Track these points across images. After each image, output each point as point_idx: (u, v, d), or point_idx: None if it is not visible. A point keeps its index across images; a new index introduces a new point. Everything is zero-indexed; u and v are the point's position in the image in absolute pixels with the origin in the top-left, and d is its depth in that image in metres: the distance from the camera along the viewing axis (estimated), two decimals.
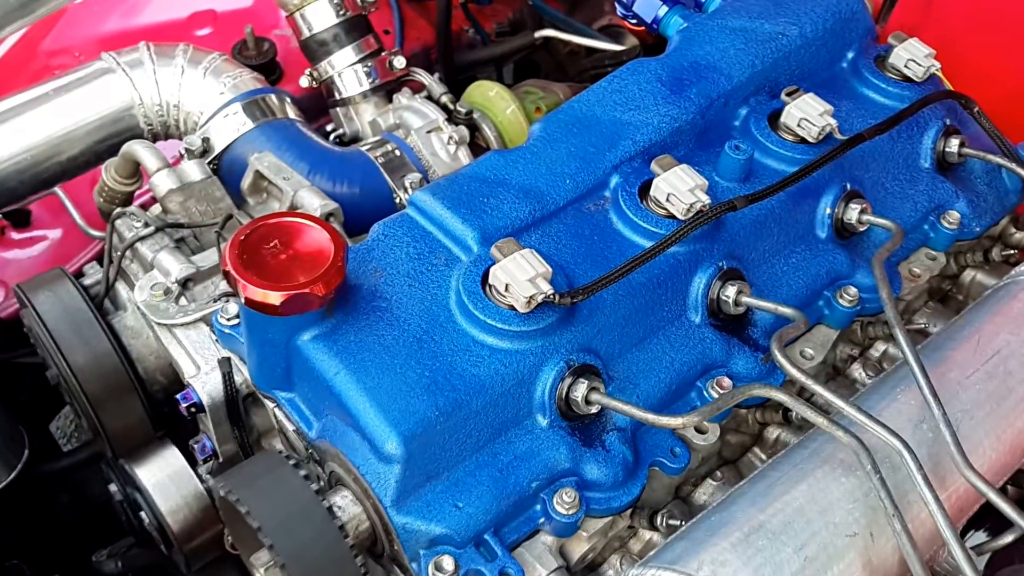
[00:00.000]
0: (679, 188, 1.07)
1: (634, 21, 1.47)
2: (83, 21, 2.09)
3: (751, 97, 1.28)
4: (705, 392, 1.07)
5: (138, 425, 1.26)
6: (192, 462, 1.23)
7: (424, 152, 1.64)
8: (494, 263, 0.99)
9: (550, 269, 0.97)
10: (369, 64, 1.72)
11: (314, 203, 1.35)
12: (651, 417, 0.94)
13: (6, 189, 1.53)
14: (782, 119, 1.23)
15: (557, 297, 0.96)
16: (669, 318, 1.10)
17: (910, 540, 0.88)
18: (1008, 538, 0.97)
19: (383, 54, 1.74)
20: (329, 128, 1.76)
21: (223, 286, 1.22)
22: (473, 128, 1.71)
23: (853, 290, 1.20)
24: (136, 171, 1.51)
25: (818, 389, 0.95)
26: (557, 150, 1.17)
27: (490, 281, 0.99)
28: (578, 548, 1.01)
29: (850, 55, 1.39)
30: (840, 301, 1.19)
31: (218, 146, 1.56)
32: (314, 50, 1.71)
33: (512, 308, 0.98)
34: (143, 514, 1.25)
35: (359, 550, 0.90)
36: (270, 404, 1.07)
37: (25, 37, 2.08)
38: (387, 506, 0.91)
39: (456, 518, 0.92)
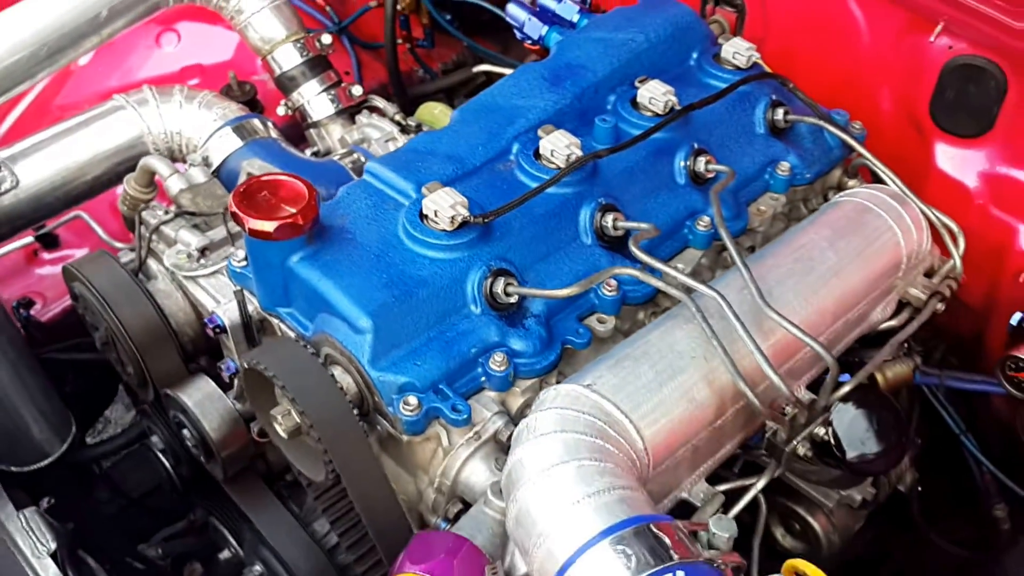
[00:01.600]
0: (558, 145, 1.48)
1: (530, 41, 1.90)
2: (88, 81, 2.49)
3: (616, 87, 1.69)
4: (600, 292, 1.46)
5: (175, 367, 1.62)
6: (222, 387, 1.59)
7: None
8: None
9: (467, 200, 1.37)
10: (332, 93, 2.13)
11: None
12: (547, 292, 1.34)
13: (44, 204, 1.91)
14: (638, 99, 1.64)
15: (472, 217, 1.35)
16: (566, 240, 1.48)
17: (728, 357, 1.26)
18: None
19: (343, 85, 2.15)
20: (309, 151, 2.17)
21: (232, 251, 1.60)
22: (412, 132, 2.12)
23: (706, 219, 1.59)
24: (151, 181, 1.89)
25: (658, 264, 1.35)
26: (471, 128, 1.57)
27: (424, 211, 1.38)
28: (515, 402, 1.38)
29: (695, 55, 1.81)
30: (698, 227, 1.59)
31: (215, 161, 1.95)
32: (286, 84, 2.12)
33: (444, 231, 1.37)
34: (185, 432, 1.61)
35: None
36: (275, 321, 1.44)
37: (39, 97, 2.48)
38: (364, 364, 1.28)
39: (416, 371, 1.29)
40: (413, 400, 1.27)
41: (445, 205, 1.35)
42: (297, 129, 2.20)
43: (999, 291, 1.96)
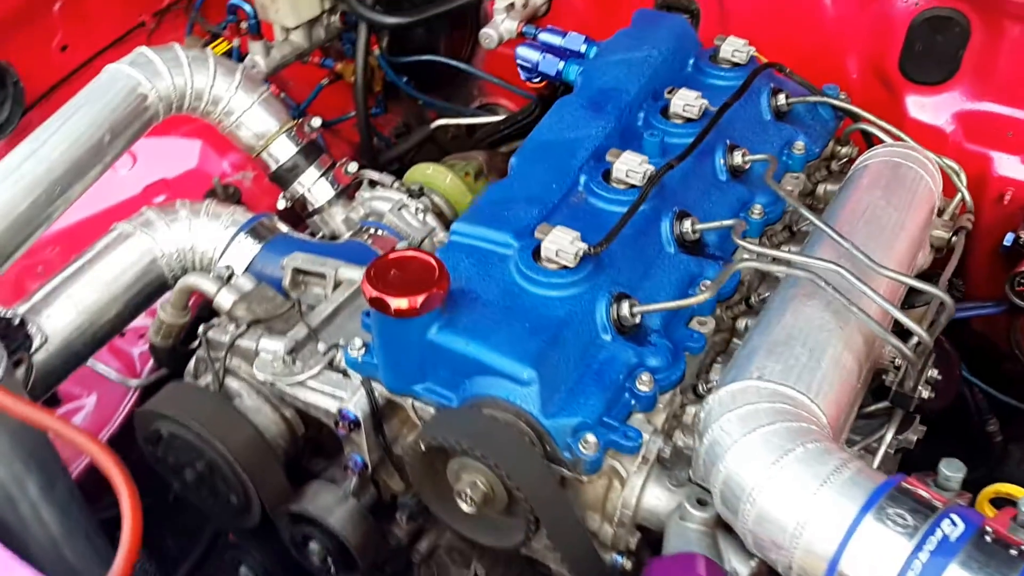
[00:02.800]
0: (632, 165, 1.53)
1: (536, 79, 1.95)
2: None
3: (643, 103, 1.76)
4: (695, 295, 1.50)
5: (281, 484, 1.56)
6: None
7: (400, 226, 2.03)
8: (539, 243, 1.41)
9: (579, 233, 1.39)
10: (330, 175, 2.11)
11: (355, 273, 1.72)
12: (681, 303, 1.38)
13: (74, 353, 1.81)
14: (671, 109, 1.71)
15: (591, 248, 1.38)
16: (654, 253, 1.53)
17: (864, 314, 1.33)
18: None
19: (337, 165, 2.14)
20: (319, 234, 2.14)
21: (322, 345, 1.56)
22: (420, 197, 2.13)
23: (759, 207, 1.67)
24: (187, 303, 1.82)
25: (772, 251, 1.42)
26: (537, 169, 1.60)
27: (542, 255, 1.40)
28: (659, 418, 1.41)
29: (691, 60, 1.90)
30: (753, 216, 1.66)
31: (239, 269, 1.90)
32: (284, 177, 2.09)
33: (563, 267, 1.39)
34: (313, 545, 1.55)
35: None
36: (407, 401, 1.42)
37: None
38: (536, 415, 1.28)
39: (583, 410, 1.30)
40: (591, 438, 1.28)
41: (565, 243, 1.37)
42: (288, 217, 2.16)
43: (984, 216, 2.12)
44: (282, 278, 1.82)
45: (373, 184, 2.16)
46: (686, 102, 1.69)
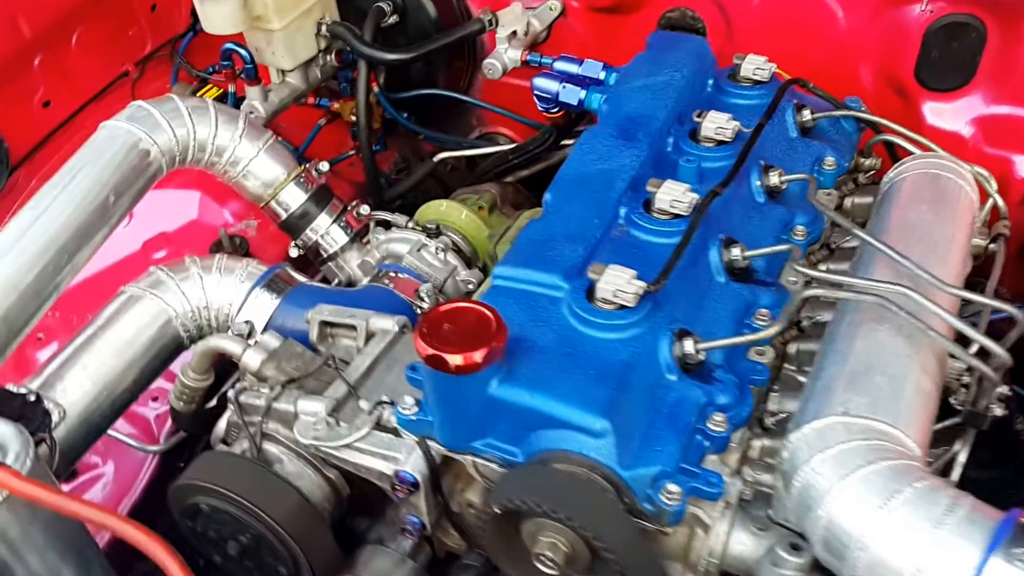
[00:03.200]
0: (676, 194, 1.46)
1: (555, 109, 1.88)
2: None
3: (670, 128, 1.70)
4: (752, 325, 1.44)
5: (332, 551, 1.48)
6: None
7: (420, 267, 1.96)
8: (590, 283, 1.34)
9: (635, 271, 1.33)
10: (343, 220, 2.03)
11: (387, 323, 1.64)
12: (751, 337, 1.31)
13: (94, 426, 1.71)
14: (702, 133, 1.66)
15: (649, 286, 1.31)
16: (706, 283, 1.47)
17: (942, 336, 1.28)
18: None
19: (348, 209, 2.06)
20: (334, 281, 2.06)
21: (364, 403, 1.48)
22: (438, 236, 2.05)
23: (801, 228, 1.61)
24: (210, 366, 1.73)
25: (834, 277, 1.36)
26: (574, 204, 1.53)
27: (597, 295, 1.33)
28: (732, 458, 1.34)
29: (710, 81, 1.85)
30: (797, 238, 1.60)
31: (259, 324, 1.82)
32: (295, 225, 2.01)
33: (620, 307, 1.32)
34: None
35: None
36: (468, 458, 1.34)
37: None
38: (614, 468, 1.21)
39: (661, 458, 1.23)
40: (673, 488, 1.21)
41: (623, 282, 1.31)
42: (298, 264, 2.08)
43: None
44: (306, 331, 1.74)
45: (387, 225, 2.08)
46: (718, 124, 1.64)
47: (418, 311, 1.89)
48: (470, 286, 2.00)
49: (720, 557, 1.27)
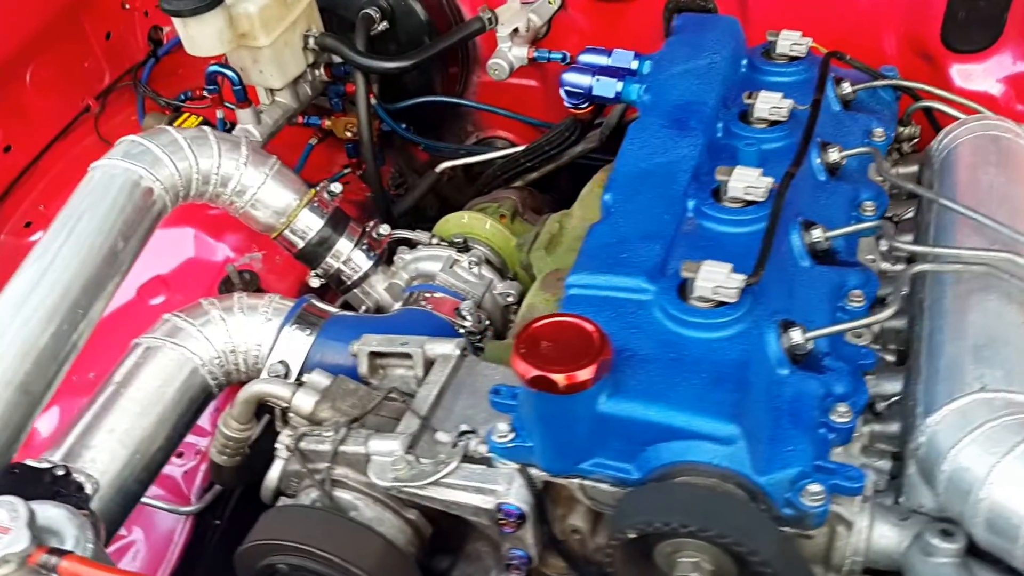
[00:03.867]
0: (750, 180, 1.43)
1: (584, 105, 1.84)
2: None
3: (718, 113, 1.67)
4: (847, 307, 1.41)
5: None
6: None
7: (456, 284, 1.90)
8: (680, 283, 1.30)
9: (731, 264, 1.29)
10: (364, 243, 1.96)
11: (447, 347, 1.57)
12: (865, 321, 1.29)
13: (131, 494, 1.61)
14: (754, 114, 1.63)
15: (749, 279, 1.28)
16: (792, 269, 1.43)
17: None
18: None
19: (367, 231, 1.99)
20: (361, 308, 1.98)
21: (442, 435, 1.42)
22: (468, 250, 2.00)
23: (870, 203, 1.59)
24: (253, 414, 1.65)
25: (940, 249, 1.34)
26: (639, 202, 1.49)
27: (695, 293, 1.28)
28: (855, 449, 1.31)
29: (744, 61, 1.82)
30: (867, 214, 1.57)
31: (295, 363, 1.74)
32: (314, 253, 1.93)
33: (718, 304, 1.29)
34: None
35: None
36: (575, 482, 1.29)
37: None
38: (750, 475, 1.17)
39: (795, 458, 1.19)
40: (816, 488, 1.17)
41: (721, 277, 1.27)
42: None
43: None
44: (348, 366, 1.67)
45: (410, 244, 2.02)
46: (772, 104, 1.60)
47: (460, 330, 1.83)
48: (509, 299, 1.95)
49: (864, 554, 1.23)
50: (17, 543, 1.10)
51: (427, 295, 1.89)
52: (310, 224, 1.92)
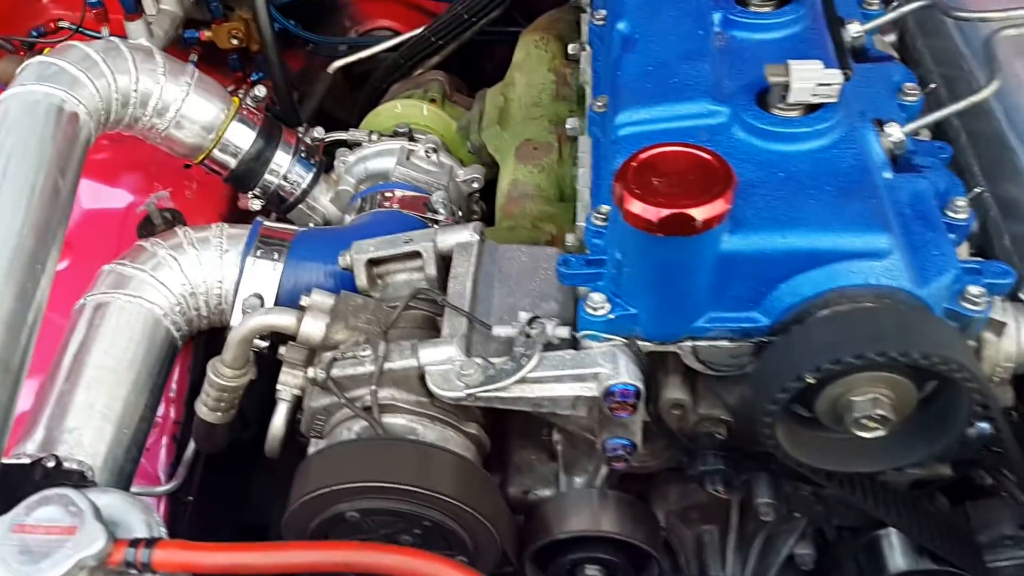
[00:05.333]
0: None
1: None
2: None
3: None
4: (904, 103, 1.18)
5: (511, 517, 1.15)
6: None
7: (416, 176, 1.58)
8: (757, 95, 1.05)
9: (820, 60, 1.04)
10: (302, 151, 1.59)
11: (462, 234, 1.26)
12: (968, 101, 1.08)
13: (125, 474, 1.24)
14: None
15: (846, 72, 1.04)
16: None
17: None
18: None
19: (301, 136, 1.61)
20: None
21: (501, 329, 1.12)
22: (414, 140, 1.66)
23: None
24: (248, 355, 1.29)
25: None
26: (663, 22, 1.22)
27: (792, 98, 1.03)
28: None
29: None
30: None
31: (269, 295, 1.38)
32: (250, 170, 1.55)
33: (810, 109, 1.04)
34: (592, 570, 1.16)
35: None
36: (686, 345, 1.03)
37: None
38: (911, 289, 0.94)
39: (946, 262, 0.97)
40: (976, 290, 0.97)
41: (818, 74, 1.02)
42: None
43: None
44: (330, 285, 1.35)
45: (349, 146, 1.66)
46: None
47: (432, 227, 1.51)
48: (475, 184, 1.64)
49: (1015, 359, 1.04)
50: (92, 543, 0.81)
51: (387, 195, 1.55)
52: (242, 137, 1.53)
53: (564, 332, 1.08)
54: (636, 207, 0.89)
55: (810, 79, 1.02)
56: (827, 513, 1.24)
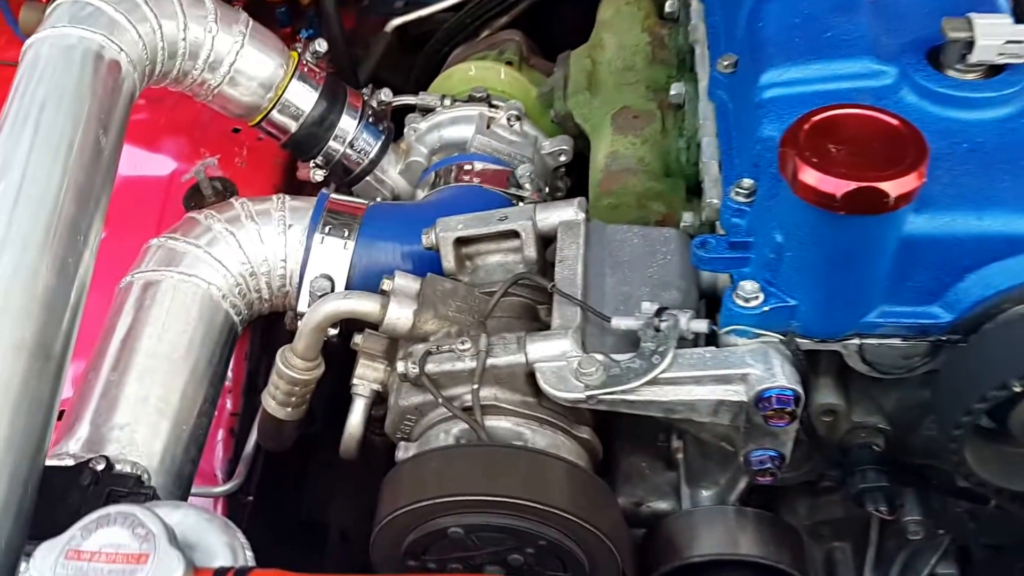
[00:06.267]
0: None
1: None
2: None
3: None
4: None
5: (630, 535, 1.07)
6: None
7: (497, 147, 1.49)
8: (927, 53, 0.96)
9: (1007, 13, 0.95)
10: (369, 115, 1.50)
11: (565, 212, 1.18)
12: None
13: (185, 476, 1.16)
14: None
15: None
16: None
17: None
18: None
19: (366, 99, 1.53)
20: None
21: (622, 320, 1.03)
22: (493, 106, 1.57)
23: None
24: (320, 345, 1.21)
25: None
26: None
27: (975, 58, 0.94)
28: None
29: None
30: None
31: (339, 277, 1.30)
32: (312, 136, 1.47)
33: (992, 72, 0.95)
34: None
35: None
36: (852, 343, 0.94)
37: None
38: None
39: None
40: None
41: (1007, 31, 0.93)
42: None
43: None
44: (408, 267, 1.27)
45: (420, 111, 1.57)
46: None
47: (517, 203, 1.43)
48: (562, 157, 1.54)
49: None
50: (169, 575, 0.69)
51: (465, 167, 1.46)
52: (303, 98, 1.44)
53: (702, 326, 0.99)
54: (813, 178, 0.81)
55: (998, 36, 0.93)
56: (979, 531, 1.16)
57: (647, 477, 1.19)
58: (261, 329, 1.46)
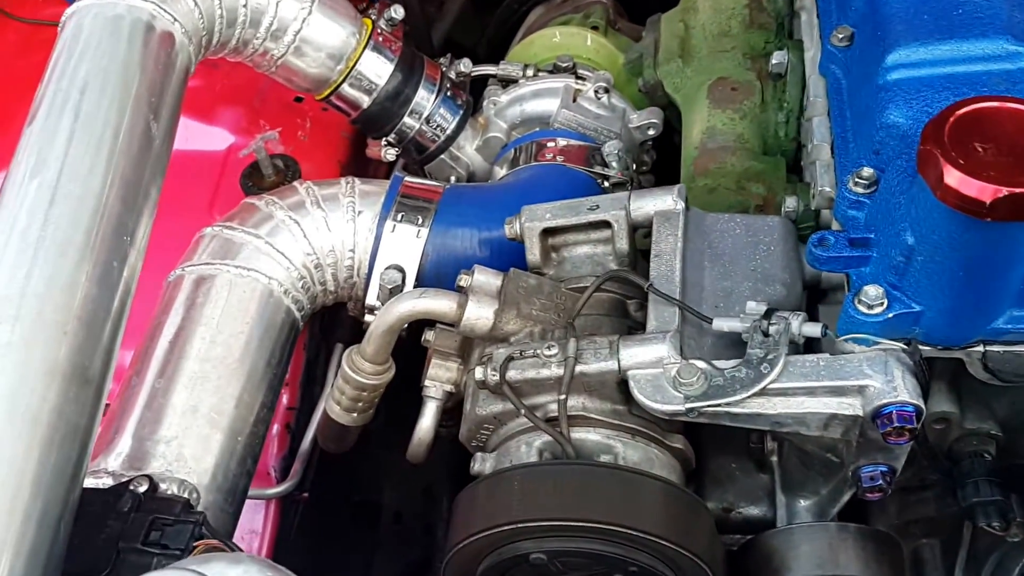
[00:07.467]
0: None
1: None
2: None
3: None
4: None
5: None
6: None
7: (584, 121, 1.48)
8: None
9: None
10: (447, 89, 1.50)
11: (663, 201, 1.16)
12: None
13: (239, 491, 1.16)
14: None
15: None
16: None
17: None
18: None
19: (444, 70, 1.52)
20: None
21: (724, 322, 1.02)
22: (579, 77, 1.56)
23: None
24: (390, 347, 1.21)
25: None
26: None
27: None
28: None
29: None
30: None
31: (411, 268, 1.31)
32: (388, 110, 1.47)
33: None
34: None
35: None
36: (975, 351, 0.92)
37: None
38: None
39: None
40: None
41: None
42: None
43: None
44: (486, 256, 1.27)
45: (501, 82, 1.56)
46: None
47: (603, 184, 1.42)
48: (651, 131, 1.53)
49: None
50: None
51: (548, 144, 1.45)
52: (378, 70, 1.43)
53: (815, 330, 0.97)
54: (959, 182, 0.78)
55: None
56: None
57: (737, 479, 1.18)
58: (320, 314, 1.46)
